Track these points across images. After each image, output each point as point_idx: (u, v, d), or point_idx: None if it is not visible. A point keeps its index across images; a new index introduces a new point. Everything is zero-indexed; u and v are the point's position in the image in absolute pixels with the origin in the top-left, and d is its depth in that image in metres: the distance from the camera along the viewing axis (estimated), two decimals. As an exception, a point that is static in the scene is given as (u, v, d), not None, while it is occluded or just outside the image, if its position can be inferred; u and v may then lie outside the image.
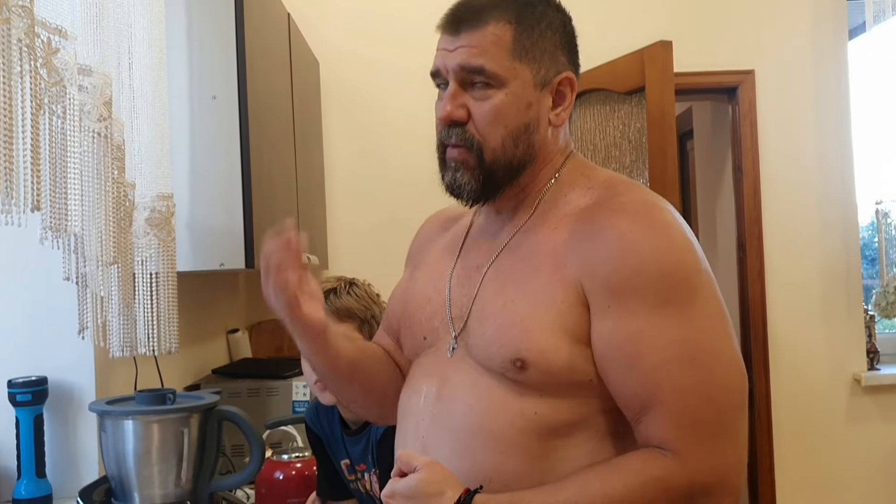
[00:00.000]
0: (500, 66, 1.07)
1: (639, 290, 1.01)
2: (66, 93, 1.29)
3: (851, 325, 3.40)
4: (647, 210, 1.05)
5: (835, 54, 3.43)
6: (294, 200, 2.53)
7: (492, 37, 1.07)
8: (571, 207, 1.11)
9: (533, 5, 1.11)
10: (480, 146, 1.09)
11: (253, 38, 1.98)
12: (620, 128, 2.92)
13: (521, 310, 1.06)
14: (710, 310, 1.03)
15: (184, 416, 1.50)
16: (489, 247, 1.16)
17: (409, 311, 1.24)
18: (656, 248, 1.01)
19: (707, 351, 1.01)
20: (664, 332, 1.00)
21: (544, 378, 1.04)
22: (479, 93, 1.08)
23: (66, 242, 1.37)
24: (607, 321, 1.02)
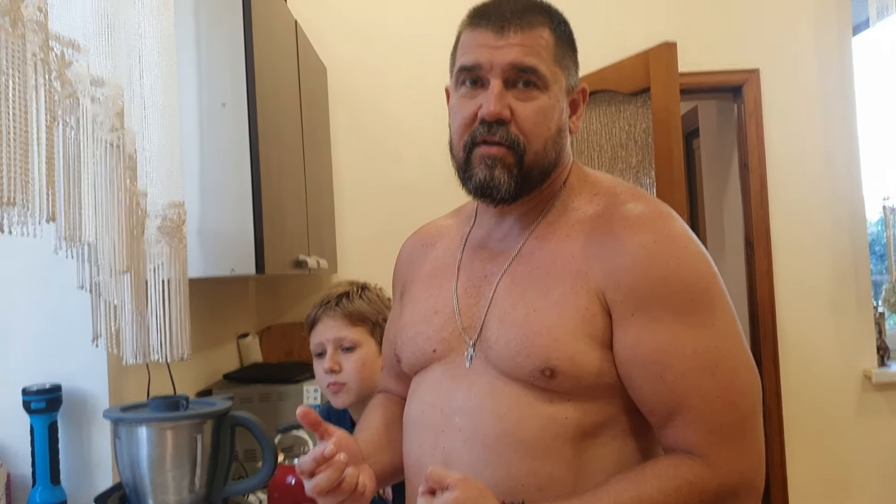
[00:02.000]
0: (549, 69, 1.10)
1: (663, 300, 1.04)
2: (80, 104, 1.31)
3: (861, 321, 3.40)
4: (663, 222, 1.08)
5: (839, 51, 3.43)
6: (303, 205, 2.54)
7: (541, 39, 1.10)
8: (580, 215, 1.13)
9: (560, 18, 1.15)
10: (524, 147, 1.10)
11: (261, 45, 2.00)
12: (626, 128, 2.92)
13: (547, 318, 1.07)
14: (728, 317, 1.06)
15: (197, 422, 1.51)
16: (498, 254, 1.17)
17: (413, 325, 1.23)
18: (678, 259, 1.04)
19: (728, 357, 1.04)
20: (689, 342, 1.03)
21: (573, 384, 1.06)
22: (523, 93, 1.09)
23: (80, 251, 1.39)
24: (632, 329, 1.05)
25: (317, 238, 2.75)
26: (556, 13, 1.15)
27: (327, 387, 1.69)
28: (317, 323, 1.72)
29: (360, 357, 1.68)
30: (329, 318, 1.70)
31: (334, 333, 1.69)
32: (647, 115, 2.80)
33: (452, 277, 1.21)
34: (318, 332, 1.72)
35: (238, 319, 2.94)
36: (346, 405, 1.71)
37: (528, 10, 1.11)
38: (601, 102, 3.05)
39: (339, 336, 1.69)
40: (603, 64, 3.02)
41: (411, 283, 1.31)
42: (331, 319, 1.70)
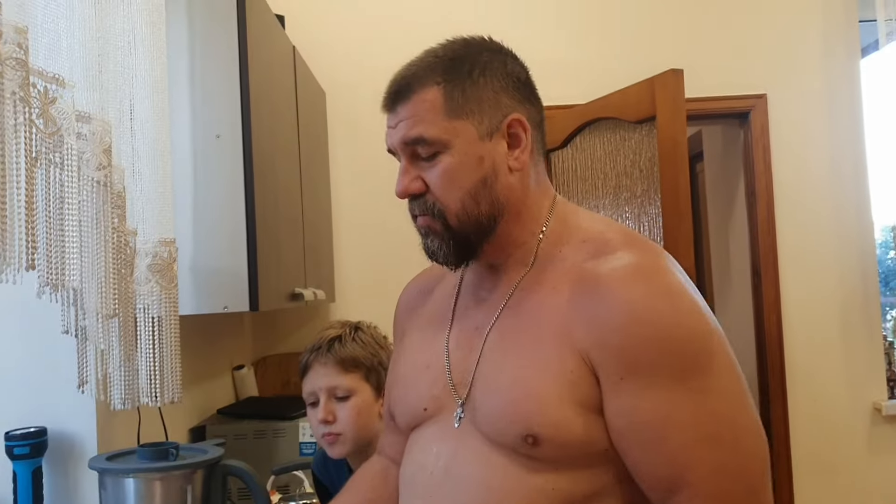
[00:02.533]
0: (438, 130, 1.04)
1: (655, 363, 0.95)
2: (64, 142, 1.25)
3: (871, 352, 3.34)
4: (654, 274, 1.00)
5: (847, 74, 3.39)
6: (300, 235, 2.48)
7: (423, 103, 1.05)
8: (569, 265, 1.05)
9: (462, 58, 1.07)
10: (442, 212, 1.06)
11: (257, 73, 1.94)
12: (631, 157, 2.87)
13: (530, 382, 1.01)
14: (728, 375, 0.98)
15: (187, 472, 1.45)
16: (487, 305, 1.11)
17: (405, 379, 1.19)
18: (670, 317, 0.96)
19: (732, 424, 0.97)
20: (688, 409, 0.96)
21: (559, 452, 0.99)
22: (429, 162, 1.06)
23: (65, 296, 1.33)
24: (623, 396, 0.97)
25: (314, 268, 2.69)
26: (452, 60, 1.07)
27: (322, 437, 1.62)
28: (308, 370, 1.65)
29: (354, 405, 1.61)
30: (321, 366, 1.62)
31: (327, 382, 1.62)
32: (653, 143, 2.74)
33: (445, 327, 1.16)
34: (310, 379, 1.64)
35: (233, 351, 2.88)
36: (342, 455, 1.64)
37: (414, 77, 1.06)
38: (605, 129, 3.00)
39: (331, 385, 1.61)
40: (608, 90, 2.98)
41: (409, 331, 1.26)
42: (322, 367, 1.62)
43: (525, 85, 1.11)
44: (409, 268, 3.63)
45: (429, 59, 1.07)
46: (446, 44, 1.10)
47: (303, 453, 2.30)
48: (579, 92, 3.11)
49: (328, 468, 1.75)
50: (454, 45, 1.09)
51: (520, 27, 3.31)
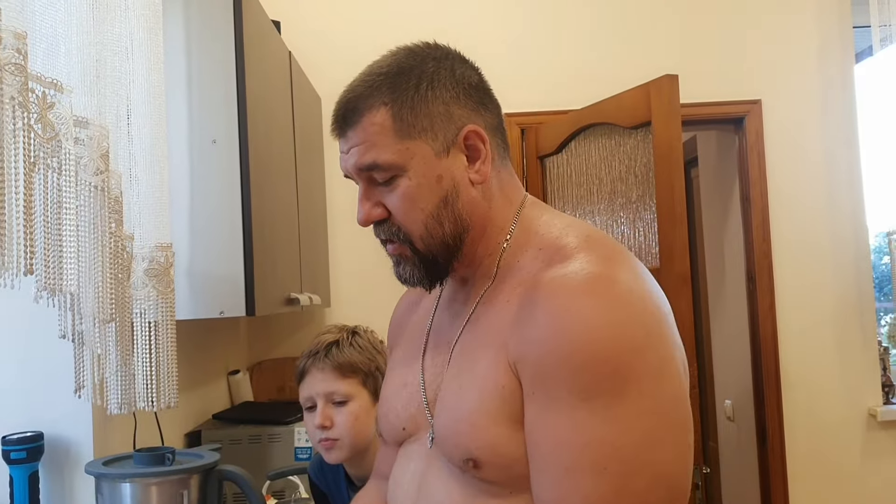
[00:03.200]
0: (392, 153, 0.99)
1: (563, 380, 0.88)
2: (62, 147, 1.25)
3: (866, 358, 3.34)
4: (588, 284, 0.91)
5: (842, 80, 3.40)
6: (296, 241, 2.48)
7: (372, 127, 0.99)
8: (524, 274, 0.99)
9: (407, 72, 1.01)
10: (408, 237, 1.03)
11: (254, 78, 1.95)
12: (626, 162, 2.88)
13: (469, 399, 0.97)
14: (645, 405, 0.88)
15: (183, 477, 1.45)
16: (458, 320, 1.08)
17: (387, 398, 1.17)
18: (588, 332, 0.88)
19: (624, 460, 0.87)
20: (583, 432, 0.87)
21: (504, 475, 0.94)
22: (386, 186, 1.02)
23: (62, 301, 1.33)
24: (530, 410, 0.92)
25: (309, 273, 2.69)
26: (397, 75, 1.01)
27: (319, 442, 1.62)
28: (305, 375, 1.64)
29: (352, 411, 1.60)
30: (318, 371, 1.62)
31: (324, 387, 1.61)
32: (648, 148, 2.75)
33: (422, 343, 1.14)
34: (308, 385, 1.64)
35: (228, 355, 2.87)
36: (339, 461, 1.64)
37: (360, 99, 1.01)
38: (601, 135, 3.01)
39: (329, 390, 1.61)
40: (603, 96, 2.98)
41: (396, 347, 1.25)
42: (320, 372, 1.62)
43: (477, 89, 1.05)
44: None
45: (373, 77, 1.02)
46: (390, 56, 1.05)
47: (298, 458, 2.30)
48: (574, 97, 3.12)
49: (325, 473, 1.75)
50: (398, 58, 1.03)
51: (515, 33, 3.32)
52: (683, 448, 0.91)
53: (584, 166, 3.09)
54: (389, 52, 1.05)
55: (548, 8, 3.34)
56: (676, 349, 0.94)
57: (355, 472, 1.67)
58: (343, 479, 1.71)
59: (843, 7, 3.41)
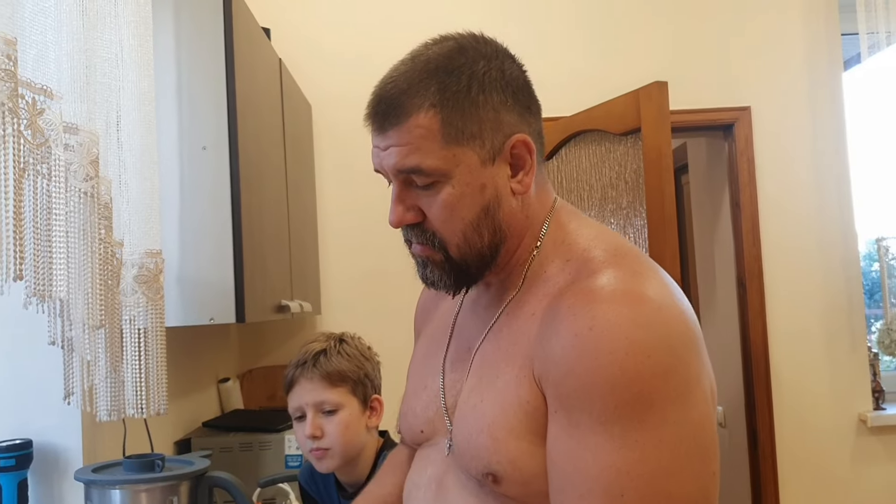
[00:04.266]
0: (437, 159, 0.94)
1: (584, 403, 0.86)
2: (52, 153, 1.25)
3: (856, 364, 3.35)
4: (616, 301, 0.88)
5: (830, 87, 3.42)
6: (286, 248, 2.48)
7: (418, 130, 0.94)
8: (551, 286, 0.97)
9: (457, 71, 0.95)
10: (443, 244, 0.98)
11: (244, 85, 1.95)
12: (617, 168, 2.89)
13: (489, 413, 0.95)
14: (667, 433, 0.84)
15: (173, 484, 1.44)
16: (479, 324, 1.05)
17: (408, 397, 1.15)
18: (610, 354, 0.84)
19: (641, 489, 0.83)
20: (601, 457, 0.84)
21: (523, 490, 0.92)
22: (425, 190, 0.97)
23: (52, 307, 1.32)
24: (553, 428, 0.89)
25: (300, 281, 2.69)
26: (447, 73, 0.95)
27: (310, 452, 1.61)
28: (294, 385, 1.64)
29: (342, 420, 1.60)
30: (307, 381, 1.62)
31: (314, 397, 1.61)
32: (638, 155, 2.76)
33: (445, 342, 1.11)
34: (297, 394, 1.63)
35: (218, 363, 2.87)
36: (330, 470, 1.64)
37: (403, 94, 0.95)
38: (591, 142, 3.02)
39: (318, 400, 1.61)
40: (593, 103, 3.00)
41: (422, 335, 1.23)
42: (309, 382, 1.61)
43: (523, 91, 1.01)
44: (396, 281, 3.64)
45: (419, 70, 0.96)
46: (436, 48, 0.98)
47: (288, 466, 2.29)
48: (564, 104, 3.13)
49: (315, 480, 1.74)
50: (447, 52, 0.97)
51: (505, 40, 3.33)
52: (706, 476, 0.87)
53: (574, 173, 3.10)
54: (433, 42, 1.00)
55: (537, 16, 3.35)
56: (704, 370, 0.90)
57: (346, 479, 1.67)
58: (334, 486, 1.71)
59: (830, 14, 3.44)
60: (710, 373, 0.93)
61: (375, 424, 1.68)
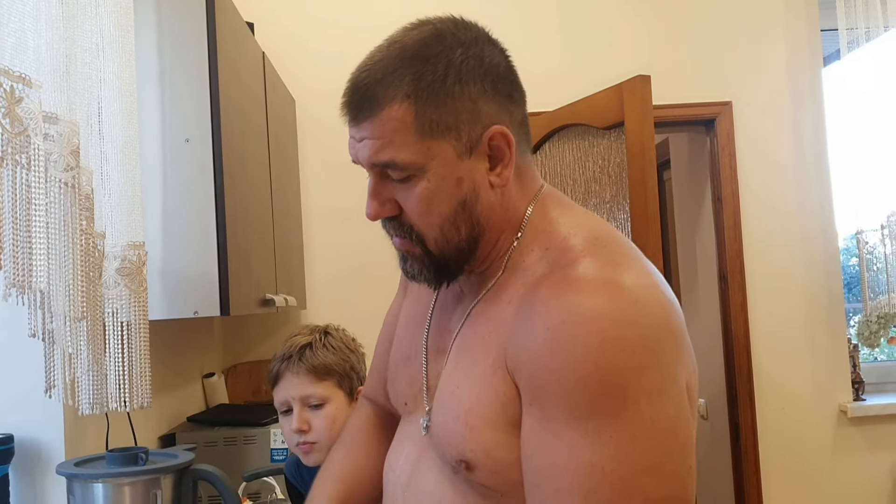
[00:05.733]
0: (412, 153, 0.91)
1: (558, 398, 0.84)
2: (31, 142, 1.23)
3: (836, 355, 3.39)
4: (589, 293, 0.85)
5: (810, 83, 3.45)
6: (271, 242, 2.47)
7: (392, 123, 0.91)
8: (529, 275, 0.94)
9: (433, 59, 0.92)
10: (421, 237, 0.96)
11: (226, 78, 1.94)
12: (600, 162, 2.90)
13: (466, 400, 0.94)
14: (641, 429, 0.82)
15: (156, 476, 1.43)
16: (459, 308, 1.04)
17: (394, 366, 1.15)
18: (585, 348, 0.82)
19: (616, 485, 0.82)
20: (574, 453, 0.83)
21: (497, 480, 0.91)
22: (401, 184, 0.95)
23: (32, 299, 1.31)
24: (527, 421, 0.88)
25: (284, 275, 2.68)
26: (423, 62, 0.92)
27: (296, 446, 1.60)
28: (279, 379, 1.62)
29: (329, 413, 1.59)
30: (293, 375, 1.60)
31: (300, 391, 1.60)
32: (621, 149, 2.77)
33: (425, 323, 1.10)
34: (282, 388, 1.62)
35: (203, 358, 2.85)
36: (318, 463, 1.62)
37: (377, 84, 0.92)
38: (574, 136, 3.03)
39: (305, 394, 1.60)
40: (576, 97, 3.00)
41: (408, 296, 1.21)
42: (295, 376, 1.60)
43: (504, 78, 0.97)
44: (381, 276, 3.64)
45: (394, 59, 0.93)
46: (414, 32, 0.95)
47: (274, 460, 2.28)
48: (547, 99, 3.13)
49: (301, 472, 1.73)
50: (423, 37, 0.94)
51: (489, 35, 3.33)
52: (683, 471, 0.85)
53: (558, 167, 3.11)
54: (412, 26, 0.96)
55: (520, 10, 3.36)
56: (682, 363, 0.88)
57: (331, 470, 1.66)
58: (319, 478, 1.70)
59: (811, 10, 3.46)
60: (690, 364, 0.91)
61: None
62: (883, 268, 3.39)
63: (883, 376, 3.62)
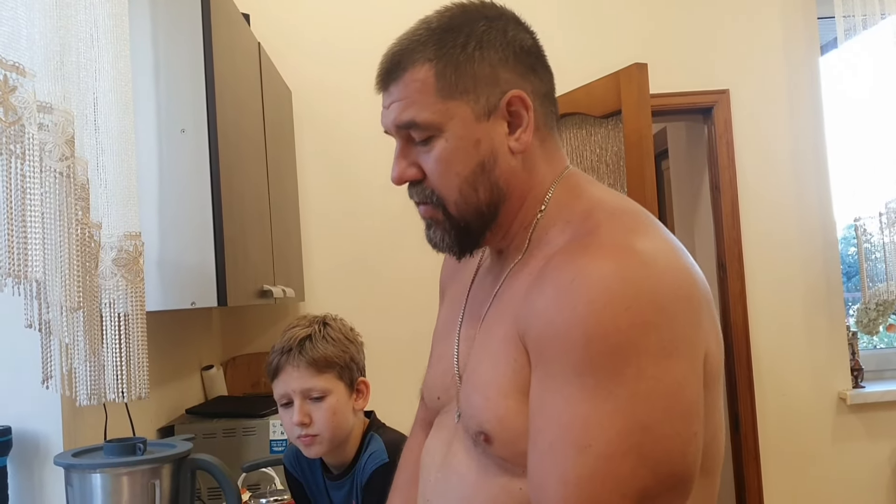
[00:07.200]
0: (431, 112, 0.96)
1: (560, 353, 0.85)
2: (25, 132, 1.23)
3: (835, 343, 3.39)
4: (600, 254, 0.87)
5: (808, 71, 3.45)
6: (268, 233, 2.47)
7: (414, 84, 0.97)
8: (551, 248, 0.96)
9: (456, 29, 0.97)
10: (441, 201, 0.99)
11: (222, 69, 1.93)
12: (598, 151, 2.89)
13: (485, 373, 0.96)
14: (642, 387, 0.82)
15: (155, 466, 1.43)
16: (488, 290, 1.06)
17: (430, 365, 1.16)
18: (590, 304, 0.83)
19: (611, 441, 0.82)
20: (570, 407, 0.83)
21: (512, 449, 0.92)
22: (424, 146, 0.98)
23: (28, 289, 1.30)
24: (533, 382, 0.89)
25: (282, 266, 2.67)
26: (445, 32, 0.98)
27: (297, 438, 1.60)
28: (279, 372, 1.62)
29: (329, 406, 1.59)
30: (293, 368, 1.60)
31: (300, 384, 1.59)
32: (619, 137, 2.77)
33: (460, 312, 1.11)
34: (283, 381, 1.61)
35: (202, 351, 2.85)
36: (319, 455, 1.63)
37: (405, 53, 0.98)
38: (572, 125, 3.02)
39: (306, 387, 1.59)
40: (573, 86, 2.99)
41: (445, 297, 1.23)
42: (295, 369, 1.59)
43: (529, 53, 1.00)
44: (379, 266, 3.62)
45: (420, 32, 0.99)
46: (442, 11, 1.01)
47: (273, 451, 2.28)
48: (545, 88, 3.12)
49: (300, 462, 1.74)
50: (449, 14, 1.00)
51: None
52: (685, 436, 0.84)
53: (555, 157, 3.10)
54: (443, 7, 1.02)
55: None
56: (700, 331, 0.87)
57: (332, 461, 1.66)
58: (319, 469, 1.70)
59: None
60: (712, 333, 0.91)
61: (362, 407, 1.67)
62: (881, 256, 3.39)
63: (882, 363, 3.62)
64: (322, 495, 1.70)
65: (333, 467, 1.67)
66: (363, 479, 1.58)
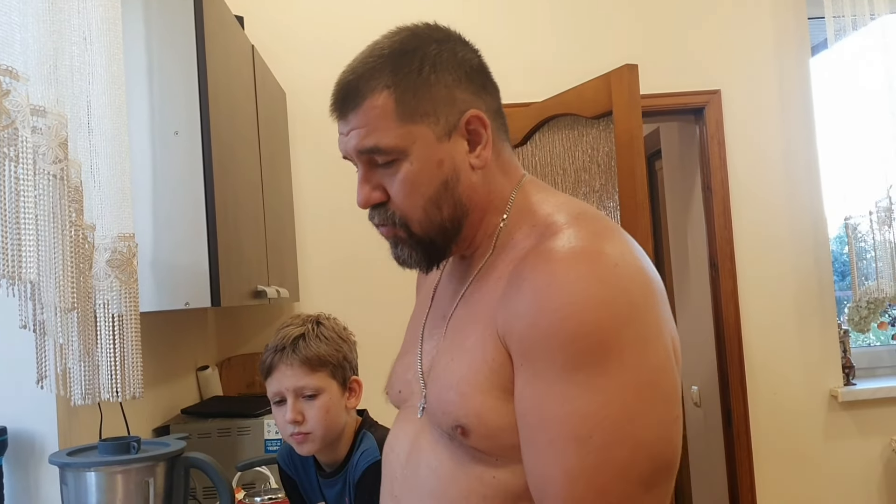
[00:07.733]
0: (394, 137, 0.99)
1: (547, 353, 0.89)
2: (19, 135, 1.24)
3: (826, 341, 3.41)
4: (573, 258, 0.92)
5: (798, 71, 3.46)
6: (262, 233, 2.48)
7: (373, 111, 0.99)
8: (517, 252, 1.00)
9: (410, 53, 1.01)
10: (405, 221, 1.02)
11: (216, 71, 1.95)
12: (589, 152, 2.91)
13: (458, 370, 0.99)
14: (628, 377, 0.88)
15: (149, 465, 1.45)
16: (453, 292, 1.10)
17: (395, 360, 1.20)
18: (571, 305, 0.88)
19: (608, 430, 0.87)
20: (565, 403, 0.88)
21: (490, 443, 0.96)
22: (387, 169, 1.01)
23: (22, 290, 1.32)
24: (519, 382, 0.93)
25: (277, 266, 2.69)
26: (400, 56, 1.00)
27: (290, 436, 1.62)
28: (273, 371, 1.64)
29: (323, 404, 1.61)
30: (286, 367, 1.61)
31: (294, 383, 1.61)
32: (610, 138, 2.79)
33: (425, 312, 1.16)
34: (276, 380, 1.63)
35: (197, 351, 2.86)
36: (312, 453, 1.64)
37: (359, 79, 1.00)
38: (563, 126, 3.04)
39: (299, 385, 1.61)
40: (564, 87, 3.01)
41: (416, 303, 1.27)
42: (288, 368, 1.61)
43: (478, 72, 1.05)
44: (374, 267, 3.64)
45: (374, 58, 1.01)
46: (391, 36, 1.04)
47: (268, 450, 2.30)
48: (536, 89, 3.14)
49: (294, 459, 1.75)
50: (400, 38, 1.03)
51: (475, 26, 3.33)
52: (668, 420, 0.91)
53: (548, 157, 3.12)
54: (390, 32, 1.04)
55: (508, 1, 3.36)
56: (664, 323, 0.94)
57: (325, 459, 1.68)
58: (312, 467, 1.72)
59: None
60: (671, 327, 0.97)
61: (355, 405, 1.69)
62: (872, 255, 3.42)
63: (873, 361, 3.65)
64: (315, 493, 1.72)
65: (326, 465, 1.69)
66: (356, 477, 1.60)
